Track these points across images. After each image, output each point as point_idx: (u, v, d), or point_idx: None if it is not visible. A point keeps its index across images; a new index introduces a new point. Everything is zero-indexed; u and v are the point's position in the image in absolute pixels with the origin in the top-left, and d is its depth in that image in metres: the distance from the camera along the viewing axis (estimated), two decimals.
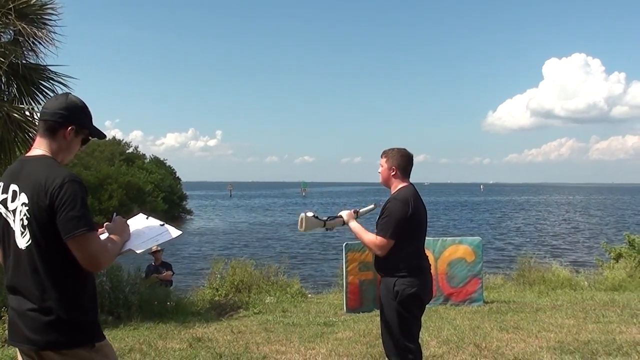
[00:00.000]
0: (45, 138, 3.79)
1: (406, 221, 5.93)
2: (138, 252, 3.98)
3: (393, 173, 6.18)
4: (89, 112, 3.94)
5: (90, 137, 4.02)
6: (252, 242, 44.70)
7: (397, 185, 6.16)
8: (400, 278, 5.92)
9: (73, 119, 3.81)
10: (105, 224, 3.96)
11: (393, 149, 6.27)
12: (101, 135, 4.04)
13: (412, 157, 6.26)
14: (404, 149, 6.29)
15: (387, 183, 6.26)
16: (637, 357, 8.52)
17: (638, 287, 16.33)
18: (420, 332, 6.32)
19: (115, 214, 4.09)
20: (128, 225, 4.04)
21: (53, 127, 3.77)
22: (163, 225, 4.23)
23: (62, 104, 3.81)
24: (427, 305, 6.21)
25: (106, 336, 3.90)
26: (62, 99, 3.87)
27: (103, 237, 3.84)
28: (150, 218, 4.29)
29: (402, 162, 6.18)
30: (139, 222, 4.24)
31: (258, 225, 62.31)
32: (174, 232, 4.21)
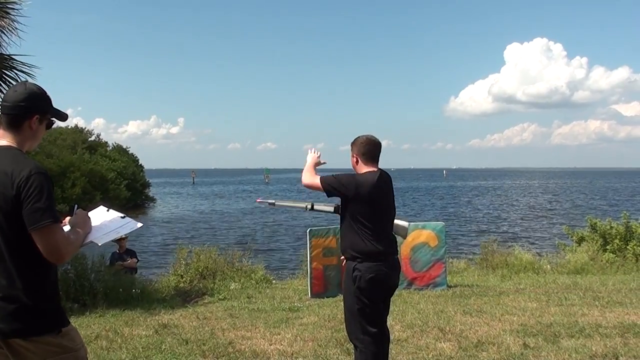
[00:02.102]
0: (9, 131, 3.79)
1: (348, 192, 6.04)
2: (99, 244, 4.02)
3: (356, 161, 6.25)
4: (47, 96, 3.93)
5: (53, 121, 4.01)
6: (216, 229, 44.66)
7: (361, 171, 6.22)
8: (359, 262, 5.97)
9: (35, 108, 3.81)
10: (67, 218, 4.00)
11: (357, 137, 6.32)
12: (63, 117, 4.02)
13: (373, 142, 6.25)
14: (365, 136, 6.31)
15: (356, 171, 6.31)
16: (599, 339, 8.65)
17: (600, 270, 16.56)
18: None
19: (76, 206, 4.13)
20: (90, 218, 4.07)
21: (16, 120, 3.78)
22: (124, 217, 4.26)
23: (21, 94, 3.78)
24: None
25: (72, 323, 3.93)
26: (20, 90, 3.84)
27: (66, 229, 3.85)
28: (111, 210, 4.31)
29: (362, 148, 6.23)
30: (100, 215, 4.25)
31: (222, 213, 62.22)
32: (135, 224, 4.25)
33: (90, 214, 4.15)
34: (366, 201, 6.02)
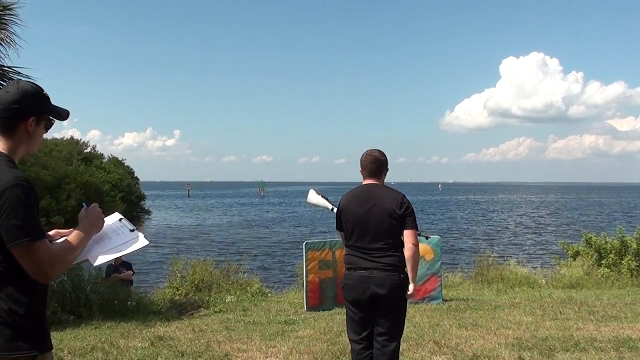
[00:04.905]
0: (2, 136, 3.47)
1: (338, 216, 6.42)
2: (94, 264, 3.68)
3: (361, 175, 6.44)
4: (44, 94, 3.59)
5: (53, 120, 3.69)
6: (211, 241, 44.53)
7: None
8: (344, 271, 6.34)
9: (31, 109, 3.49)
10: (81, 212, 3.65)
11: None
12: (63, 115, 3.71)
13: (370, 156, 6.41)
14: (366, 151, 6.50)
15: None
16: (594, 353, 8.66)
17: (595, 285, 16.58)
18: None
19: (85, 203, 3.72)
20: (102, 218, 3.71)
21: (10, 124, 3.45)
22: (134, 231, 3.79)
23: (14, 95, 3.45)
24: None
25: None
26: (13, 90, 3.49)
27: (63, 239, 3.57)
28: (123, 220, 3.86)
29: (361, 163, 6.45)
30: (109, 225, 3.79)
31: (216, 225, 62.11)
32: (141, 242, 3.77)
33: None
34: (342, 213, 6.33)
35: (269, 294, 15.67)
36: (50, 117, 3.66)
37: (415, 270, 6.16)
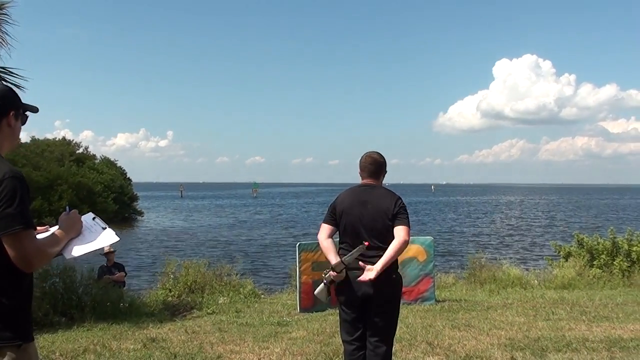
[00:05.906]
0: None
1: (331, 212, 6.35)
2: (67, 257, 3.84)
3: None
4: (15, 91, 3.82)
5: (27, 115, 3.88)
6: (204, 242, 44.46)
7: None
8: None
9: (10, 103, 3.69)
10: (62, 215, 3.86)
11: None
12: (34, 109, 3.89)
13: (368, 157, 6.41)
14: (366, 153, 6.49)
15: None
16: (585, 353, 8.68)
17: (587, 286, 16.60)
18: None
19: (68, 207, 3.97)
20: (81, 223, 3.92)
21: None
22: (105, 228, 4.00)
23: None
24: None
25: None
26: None
27: (44, 234, 3.76)
28: (96, 219, 4.07)
29: (359, 164, 6.44)
30: (84, 222, 4.00)
31: (209, 226, 62.01)
32: (112, 237, 3.98)
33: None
34: (337, 212, 6.29)
35: (262, 296, 15.65)
36: (25, 112, 3.85)
37: (391, 258, 5.91)
